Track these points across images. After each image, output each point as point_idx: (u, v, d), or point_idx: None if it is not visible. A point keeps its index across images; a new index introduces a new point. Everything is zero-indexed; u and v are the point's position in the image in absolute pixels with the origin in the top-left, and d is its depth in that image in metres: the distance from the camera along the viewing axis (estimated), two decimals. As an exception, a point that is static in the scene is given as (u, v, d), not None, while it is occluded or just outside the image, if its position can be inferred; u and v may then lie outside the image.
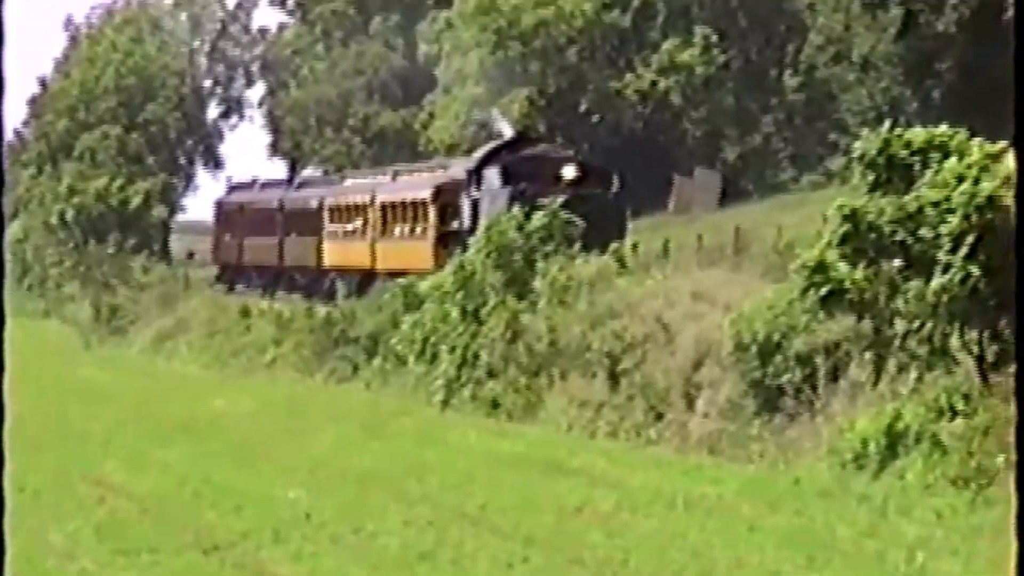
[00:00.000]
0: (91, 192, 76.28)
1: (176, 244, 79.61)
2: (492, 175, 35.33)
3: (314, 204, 47.51)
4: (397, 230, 40.75)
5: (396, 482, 18.87)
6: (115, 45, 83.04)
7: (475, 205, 35.45)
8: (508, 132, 42.11)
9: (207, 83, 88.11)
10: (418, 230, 39.14)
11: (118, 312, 50.90)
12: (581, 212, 31.56)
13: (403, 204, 40.62)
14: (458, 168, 38.68)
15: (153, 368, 40.75)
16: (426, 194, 39.07)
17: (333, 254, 45.20)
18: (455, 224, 36.81)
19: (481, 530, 15.55)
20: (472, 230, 34.05)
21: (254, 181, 61.47)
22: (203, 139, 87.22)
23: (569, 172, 34.55)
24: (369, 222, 42.55)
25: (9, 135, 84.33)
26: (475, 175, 36.04)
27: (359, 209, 43.67)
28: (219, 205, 58.53)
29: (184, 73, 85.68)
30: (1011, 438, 16.39)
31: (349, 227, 43.98)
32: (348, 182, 48.23)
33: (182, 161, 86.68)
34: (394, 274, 36.77)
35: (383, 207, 41.91)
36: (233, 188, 60.68)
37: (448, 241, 36.29)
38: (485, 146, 40.11)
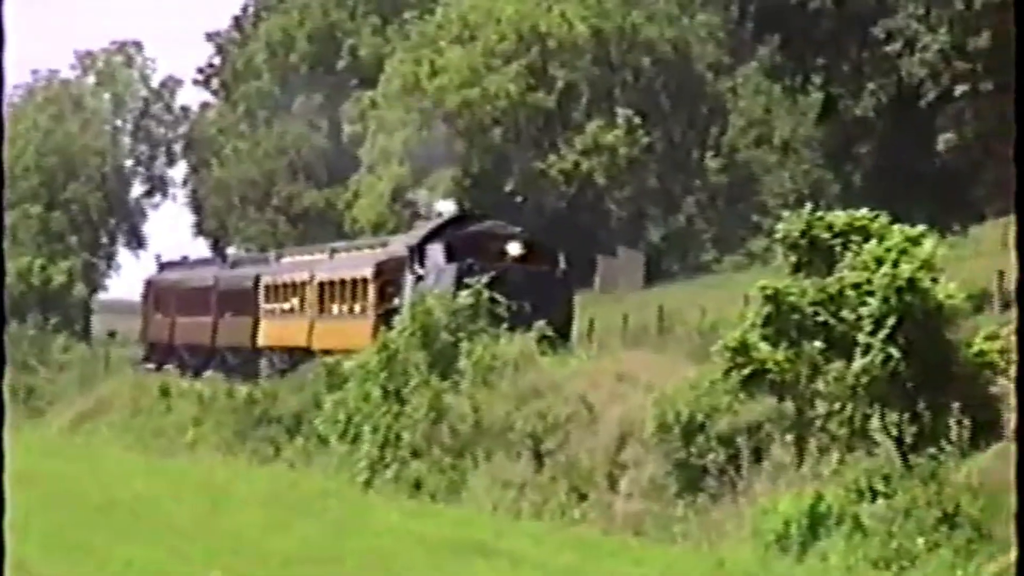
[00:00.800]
0: (12, 271, 75.64)
1: (97, 323, 78.96)
2: (436, 251, 34.89)
3: (249, 283, 46.94)
4: (336, 308, 40.17)
5: (319, 564, 18.71)
6: (36, 124, 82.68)
7: (418, 282, 34.88)
8: (447, 209, 41.51)
9: (129, 162, 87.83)
10: (357, 308, 38.65)
11: (35, 392, 50.33)
12: (527, 289, 31.43)
13: (342, 282, 40.03)
14: (399, 245, 38.26)
15: (72, 450, 40.28)
16: (367, 271, 38.56)
17: (269, 333, 44.52)
18: (396, 301, 36.20)
19: (404, 613, 15.43)
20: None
21: (185, 259, 60.59)
22: (126, 218, 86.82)
23: (515, 248, 34.30)
24: (307, 300, 41.90)
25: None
26: (418, 252, 35.56)
27: (296, 287, 43.11)
28: (149, 283, 57.57)
29: (106, 152, 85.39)
30: (930, 521, 16.51)
31: (286, 306, 43.42)
32: (284, 260, 47.68)
33: (104, 240, 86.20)
34: (330, 353, 36.07)
35: (321, 285, 41.31)
36: (164, 266, 59.68)
37: (390, 319, 35.55)
38: (427, 223, 39.77)
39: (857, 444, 18.85)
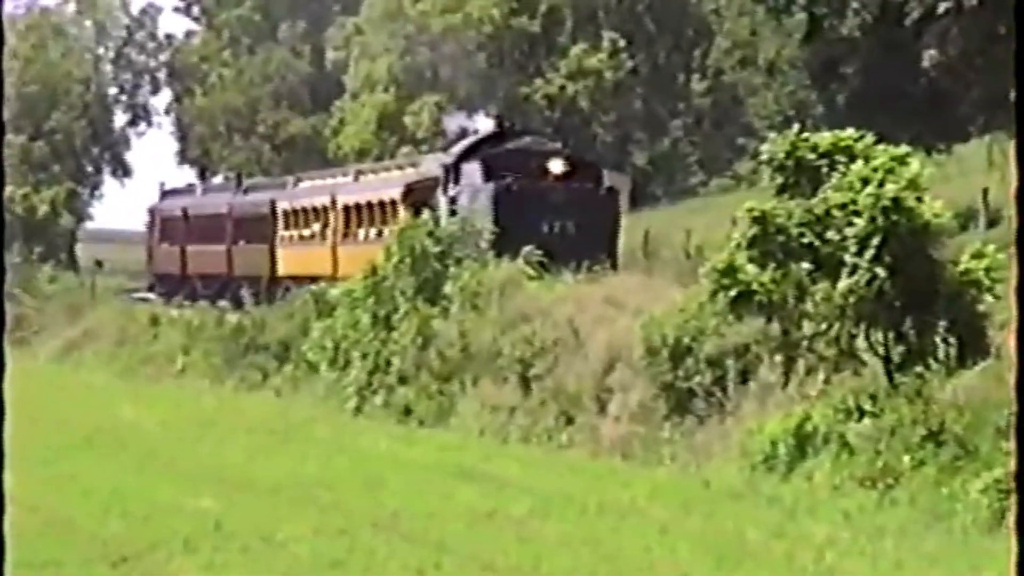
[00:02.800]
0: (-5, 201, 75.33)
1: (83, 253, 78.82)
2: (472, 170, 33.00)
3: (265, 209, 44.90)
4: (362, 233, 38.09)
5: (307, 490, 18.77)
6: (17, 53, 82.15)
7: (453, 203, 33.16)
8: (484, 127, 38.77)
9: (113, 90, 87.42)
10: (386, 232, 36.02)
11: (23, 322, 50.27)
12: (570, 209, 30.32)
13: (369, 205, 37.94)
14: (432, 164, 36.22)
15: (60, 378, 40.30)
16: (396, 193, 36.48)
17: (288, 261, 42.56)
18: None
19: (392, 537, 15.50)
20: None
21: (192, 186, 58.65)
22: (110, 147, 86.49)
23: (556, 165, 32.45)
24: (330, 226, 39.97)
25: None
26: (453, 171, 33.64)
27: (317, 212, 41.06)
28: (152, 212, 55.22)
29: (89, 80, 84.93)
30: (916, 439, 16.59)
31: (306, 232, 41.57)
32: (303, 184, 45.51)
33: (89, 169, 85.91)
34: None
35: (346, 209, 39.34)
36: (167, 193, 57.26)
37: None
38: (464, 140, 37.21)
39: (844, 364, 18.91)
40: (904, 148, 19.57)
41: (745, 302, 19.64)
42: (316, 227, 40.82)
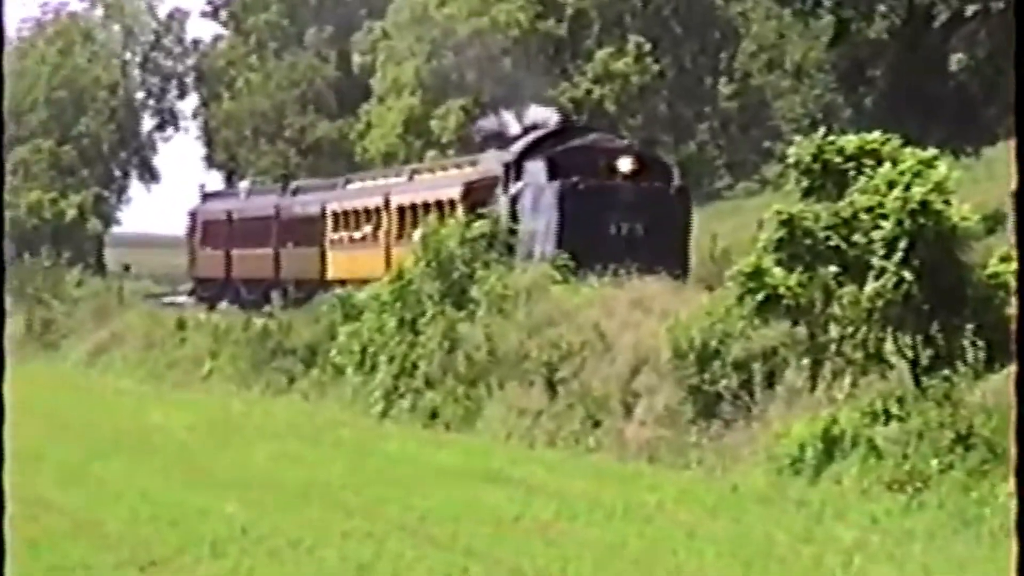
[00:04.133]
0: (24, 206, 75.71)
1: (110, 257, 79.09)
2: (536, 168, 31.61)
3: (315, 210, 43.25)
4: (417, 234, 36.20)
5: (334, 494, 18.80)
6: (45, 58, 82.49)
7: (515, 202, 31.80)
8: (547, 119, 37.23)
9: (140, 95, 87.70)
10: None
11: (51, 326, 50.43)
12: (640, 209, 29.18)
13: (425, 205, 35.91)
14: (491, 162, 34.74)
15: (88, 382, 40.44)
16: (455, 193, 34.83)
17: (339, 264, 40.68)
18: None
19: (420, 541, 15.51)
20: (512, 230, 31.10)
21: (236, 188, 57.26)
22: (137, 151, 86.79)
23: (625, 163, 30.93)
24: (383, 227, 38.41)
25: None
26: (515, 169, 32.27)
27: (370, 214, 39.54)
28: (194, 215, 53.88)
29: (117, 85, 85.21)
30: (944, 442, 16.53)
31: (358, 234, 39.87)
32: (354, 185, 44.09)
33: (116, 174, 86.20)
34: None
35: (400, 210, 37.57)
36: (208, 196, 56.18)
37: None
38: (525, 136, 35.44)
39: (871, 367, 18.86)
40: (932, 151, 19.52)
41: (772, 305, 19.60)
42: (368, 229, 39.58)
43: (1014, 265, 18.74)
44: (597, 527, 16.18)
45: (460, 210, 33.47)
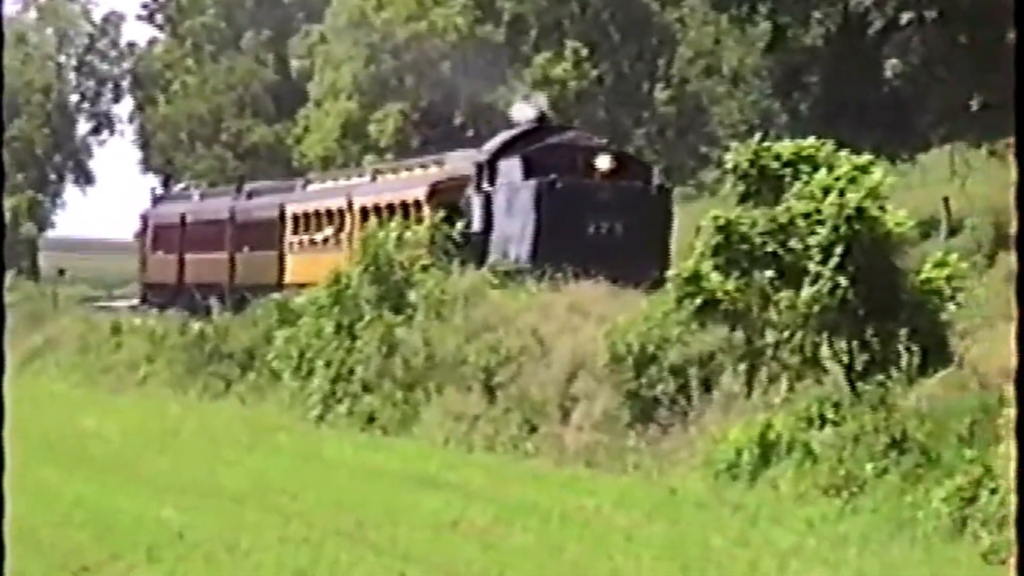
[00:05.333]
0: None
1: (44, 261, 78.45)
2: (511, 167, 30.63)
3: (271, 213, 42.10)
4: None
5: (271, 499, 18.72)
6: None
7: (488, 202, 30.86)
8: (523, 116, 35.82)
9: (75, 98, 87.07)
10: (409, 235, 33.92)
11: (-17, 331, 49.82)
12: (619, 209, 28.41)
13: (390, 207, 34.72)
14: (460, 162, 33.88)
15: (20, 388, 40.07)
16: (420, 193, 33.83)
17: (299, 269, 39.28)
18: (458, 225, 31.60)
19: (357, 546, 15.47)
20: (486, 232, 30.50)
21: (188, 191, 56.25)
22: (72, 155, 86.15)
23: (604, 162, 29.97)
24: (345, 229, 37.07)
25: None
26: (488, 168, 31.24)
27: (332, 216, 38.21)
28: (146, 218, 52.29)
29: (50, 88, 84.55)
30: (879, 447, 16.65)
31: (319, 237, 38.53)
32: (314, 186, 42.96)
33: (51, 177, 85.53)
34: None
35: (364, 211, 36.21)
36: (160, 199, 54.93)
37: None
38: (498, 135, 34.58)
39: (807, 372, 18.97)
40: (867, 157, 19.68)
41: (709, 310, 19.69)
42: (330, 231, 38.38)
43: (947, 270, 18.92)
44: (535, 532, 16.19)
45: (426, 211, 32.77)
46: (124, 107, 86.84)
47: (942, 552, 14.60)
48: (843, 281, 18.38)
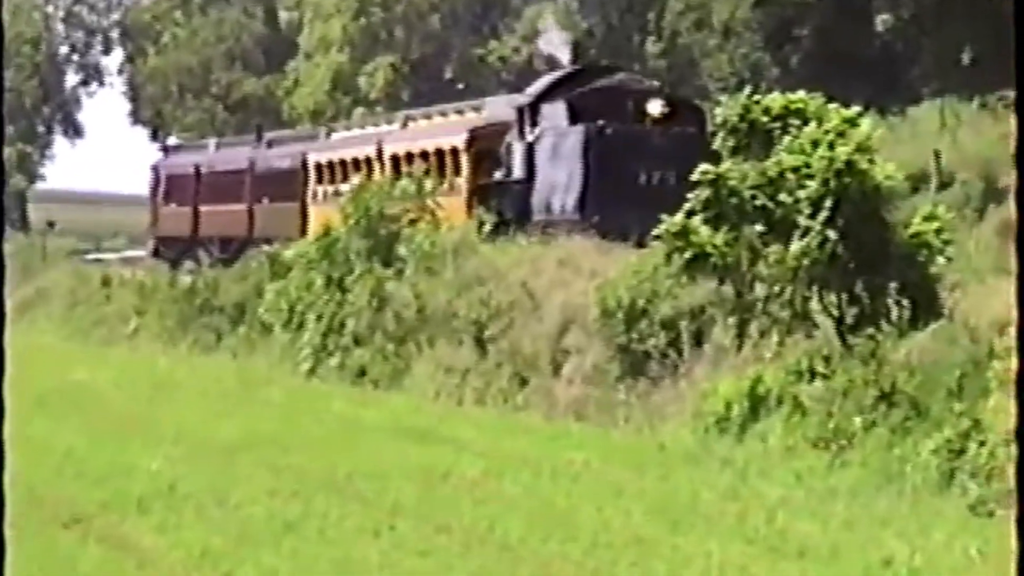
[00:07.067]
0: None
1: (34, 213, 78.29)
2: (555, 112, 28.99)
3: (294, 163, 40.64)
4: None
5: (261, 452, 18.77)
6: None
7: (531, 150, 29.30)
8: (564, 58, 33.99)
9: (63, 50, 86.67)
10: (444, 184, 32.06)
11: (-27, 284, 49.75)
12: (671, 156, 26.42)
13: (424, 154, 33.03)
14: (500, 107, 32.37)
15: (11, 340, 40.02)
16: (458, 140, 32.35)
17: (322, 219, 36.85)
18: (498, 174, 30.66)
19: (347, 499, 15.53)
20: (529, 179, 29.13)
21: (203, 142, 54.18)
22: (61, 107, 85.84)
23: (655, 107, 28.20)
24: (375, 178, 34.26)
25: None
26: (530, 113, 29.63)
27: (359, 164, 36.31)
28: (158, 169, 50.16)
29: (39, 39, 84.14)
30: (868, 400, 16.71)
31: (344, 187, 35.85)
32: (338, 135, 41.61)
33: (40, 129, 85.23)
34: None
35: (395, 159, 34.41)
36: (171, 149, 53.54)
37: (487, 195, 30.48)
38: (541, 78, 32.65)
39: (797, 326, 19.00)
40: (855, 109, 19.65)
41: (699, 264, 19.71)
42: (357, 180, 35.47)
43: (936, 223, 18.94)
44: (525, 485, 16.25)
45: (464, 159, 31.71)
46: (114, 59, 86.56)
47: (930, 504, 14.67)
48: (832, 235, 18.39)
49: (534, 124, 29.54)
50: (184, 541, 13.62)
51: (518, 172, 29.60)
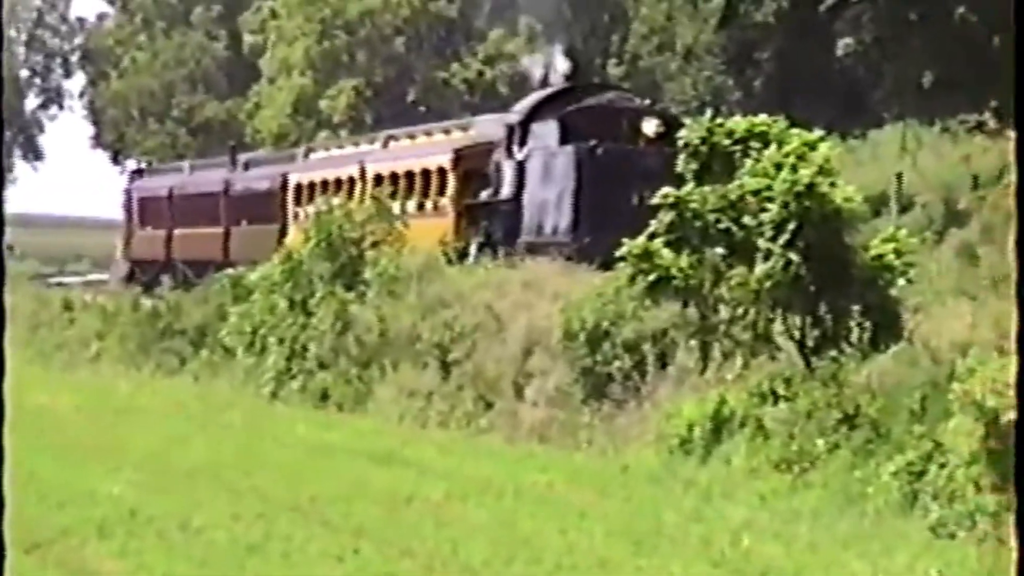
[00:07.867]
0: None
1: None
2: (546, 130, 28.42)
3: (272, 184, 40.29)
4: (396, 207, 31.36)
5: (224, 475, 18.69)
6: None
7: (521, 169, 28.77)
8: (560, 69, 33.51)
9: (24, 73, 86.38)
10: (429, 205, 31.77)
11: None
12: (667, 178, 26.30)
13: (408, 174, 32.67)
14: (488, 126, 31.98)
15: (-28, 364, 39.78)
16: (444, 159, 31.91)
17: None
18: (484, 194, 30.15)
19: (311, 522, 15.48)
20: (518, 199, 28.57)
21: (177, 164, 54.21)
22: (22, 130, 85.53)
23: (650, 126, 27.50)
24: (356, 200, 33.60)
25: None
26: (520, 131, 29.11)
27: (341, 184, 35.76)
28: (130, 193, 50.02)
29: None
30: (830, 422, 16.77)
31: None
32: (317, 155, 41.08)
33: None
34: None
35: (378, 179, 33.70)
36: (141, 172, 53.40)
37: (477, 214, 30.09)
38: (532, 95, 32.14)
39: (760, 348, 19.06)
40: (817, 133, 19.76)
41: (663, 287, 19.76)
42: (339, 201, 35.17)
43: (897, 246, 19.04)
44: (488, 508, 16.23)
45: (451, 179, 31.29)
46: (75, 83, 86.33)
47: (892, 526, 14.72)
48: (795, 257, 18.47)
49: (523, 143, 29.07)
50: (146, 566, 13.54)
51: (507, 192, 29.12)
